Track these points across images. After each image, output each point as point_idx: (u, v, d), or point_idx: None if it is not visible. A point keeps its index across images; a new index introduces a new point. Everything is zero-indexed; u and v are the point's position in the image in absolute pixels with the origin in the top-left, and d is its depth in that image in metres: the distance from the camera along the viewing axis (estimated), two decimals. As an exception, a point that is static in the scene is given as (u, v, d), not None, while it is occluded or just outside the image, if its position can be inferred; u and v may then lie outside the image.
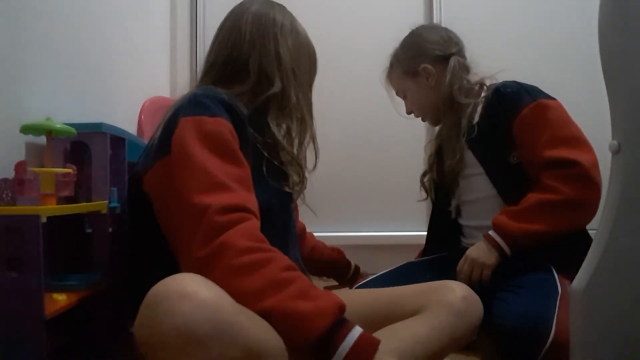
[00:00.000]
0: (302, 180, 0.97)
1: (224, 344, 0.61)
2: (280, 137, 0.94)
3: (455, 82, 1.30)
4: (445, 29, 1.41)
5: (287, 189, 0.93)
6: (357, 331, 0.69)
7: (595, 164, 1.13)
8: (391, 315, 0.88)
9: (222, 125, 0.83)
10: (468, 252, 1.20)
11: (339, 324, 0.69)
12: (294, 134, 0.97)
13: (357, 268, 1.41)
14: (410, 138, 2.02)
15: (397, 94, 1.47)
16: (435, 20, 1.97)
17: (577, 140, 1.17)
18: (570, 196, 1.11)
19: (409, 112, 1.45)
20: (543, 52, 1.98)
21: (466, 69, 1.34)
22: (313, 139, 1.01)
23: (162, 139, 0.85)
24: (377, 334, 0.82)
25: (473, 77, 1.34)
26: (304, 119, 0.99)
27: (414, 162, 1.93)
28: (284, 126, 0.96)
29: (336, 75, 2.01)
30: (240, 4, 1.04)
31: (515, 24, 1.99)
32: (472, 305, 0.89)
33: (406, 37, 1.43)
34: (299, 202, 1.03)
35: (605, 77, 0.76)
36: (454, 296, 0.88)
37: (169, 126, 0.85)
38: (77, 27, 1.17)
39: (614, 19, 0.74)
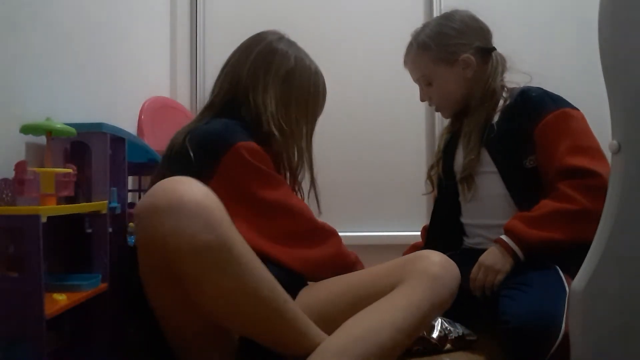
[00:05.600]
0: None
1: (207, 222, 0.70)
2: None
3: (498, 77, 1.29)
4: (482, 20, 1.36)
5: None
6: None
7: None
8: (372, 292, 0.89)
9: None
10: (482, 259, 1.17)
11: None
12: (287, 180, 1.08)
13: None
14: (410, 138, 2.02)
15: (418, 79, 1.39)
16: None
17: (598, 152, 1.16)
18: (588, 207, 1.10)
19: (425, 100, 1.40)
20: (543, 51, 1.98)
21: (506, 65, 1.32)
22: (312, 183, 1.12)
23: (206, 161, 0.93)
24: (362, 312, 0.84)
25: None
26: (299, 155, 1.08)
27: (414, 162, 1.95)
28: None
29: (335, 75, 2.00)
30: (249, 39, 1.13)
31: (515, 23, 1.98)
32: (448, 270, 0.91)
33: (444, 20, 1.35)
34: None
35: (605, 77, 0.76)
36: (428, 262, 0.90)
37: (215, 148, 0.94)
38: (77, 27, 1.17)
39: (614, 19, 0.74)
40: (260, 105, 1.03)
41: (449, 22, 1.33)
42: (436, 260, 0.90)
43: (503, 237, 1.16)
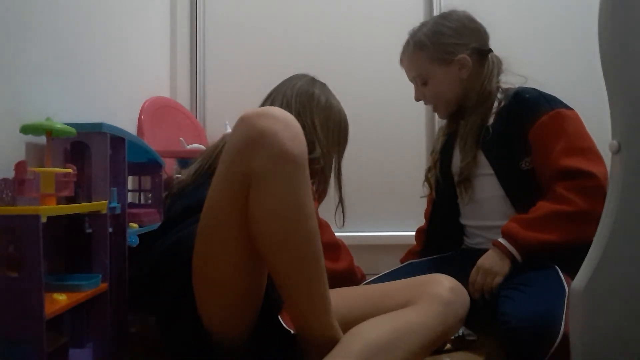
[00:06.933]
0: None
1: (298, 138, 0.76)
2: None
3: (494, 79, 1.28)
4: (479, 22, 1.35)
5: None
6: None
7: (607, 178, 1.11)
8: (380, 310, 0.89)
9: None
10: (480, 262, 1.17)
11: None
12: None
13: None
14: (410, 138, 2.02)
15: (413, 78, 1.38)
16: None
17: (593, 153, 1.16)
18: (584, 208, 1.10)
19: (419, 99, 1.39)
20: (543, 51, 1.98)
21: (502, 67, 1.32)
22: (341, 201, 1.23)
23: None
24: (372, 320, 0.84)
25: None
26: (325, 184, 1.17)
27: (414, 162, 1.95)
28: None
29: (334, 75, 2.00)
30: (289, 79, 1.22)
31: (515, 24, 1.98)
32: (460, 296, 0.92)
33: (441, 19, 1.34)
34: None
35: (605, 78, 0.76)
36: (441, 288, 0.91)
37: None
38: (77, 27, 1.17)
39: (614, 19, 0.74)
40: (310, 127, 1.11)
41: (446, 21, 1.33)
42: (449, 285, 0.92)
43: (501, 239, 1.16)
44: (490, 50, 1.33)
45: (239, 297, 0.83)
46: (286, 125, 0.75)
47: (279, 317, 0.87)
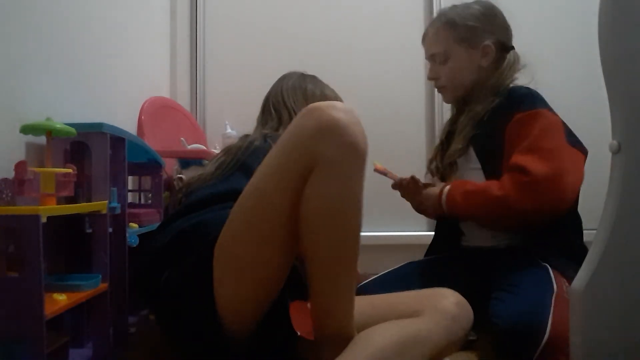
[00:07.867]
0: None
1: (363, 133, 0.80)
2: None
3: (504, 76, 1.29)
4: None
5: None
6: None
7: (551, 179, 1.11)
8: (387, 318, 0.90)
9: None
10: (427, 191, 1.29)
11: None
12: None
13: None
14: (411, 137, 2.02)
15: (434, 55, 1.36)
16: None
17: (548, 152, 1.14)
18: (509, 198, 1.12)
19: (432, 77, 1.38)
20: (543, 52, 1.97)
21: (517, 67, 1.32)
22: None
23: None
24: (381, 326, 0.85)
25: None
26: None
27: (415, 161, 1.94)
28: None
29: (335, 74, 2.00)
30: (279, 80, 1.24)
31: (515, 24, 1.98)
32: (465, 310, 0.93)
33: (476, 4, 1.34)
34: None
35: (605, 78, 0.76)
36: (447, 302, 0.92)
37: None
38: (77, 27, 1.17)
39: (614, 20, 0.74)
40: None
41: (481, 7, 1.34)
42: (454, 300, 0.93)
43: (445, 191, 1.24)
44: (513, 48, 1.33)
45: (261, 284, 0.84)
46: (356, 120, 0.79)
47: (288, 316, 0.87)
